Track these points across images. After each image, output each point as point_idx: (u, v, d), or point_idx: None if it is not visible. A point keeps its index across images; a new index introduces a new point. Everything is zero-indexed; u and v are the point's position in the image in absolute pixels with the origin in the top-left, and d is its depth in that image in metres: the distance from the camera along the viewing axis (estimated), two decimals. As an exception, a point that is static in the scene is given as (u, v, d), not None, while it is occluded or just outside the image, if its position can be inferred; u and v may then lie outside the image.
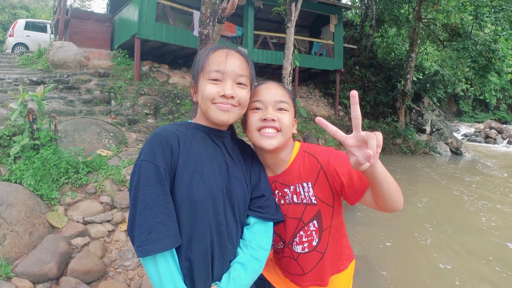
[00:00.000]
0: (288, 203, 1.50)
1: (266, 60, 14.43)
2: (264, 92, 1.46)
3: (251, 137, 1.44)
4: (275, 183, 1.52)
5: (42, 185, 4.31)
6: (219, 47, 1.34)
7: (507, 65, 12.89)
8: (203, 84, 1.29)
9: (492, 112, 33.43)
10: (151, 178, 1.13)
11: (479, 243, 5.46)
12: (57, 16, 13.22)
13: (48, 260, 3.15)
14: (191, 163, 1.22)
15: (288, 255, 1.56)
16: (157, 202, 1.11)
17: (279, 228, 1.54)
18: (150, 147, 1.17)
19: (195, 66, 1.36)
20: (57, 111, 6.87)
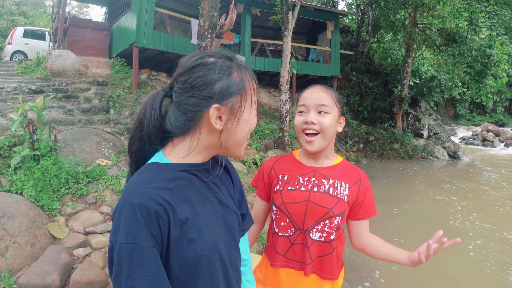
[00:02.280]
0: (321, 192, 1.60)
1: (264, 67, 14.52)
2: (307, 97, 1.61)
3: (299, 137, 1.64)
4: (315, 172, 1.66)
5: (42, 195, 4.36)
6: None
7: (502, 69, 13.01)
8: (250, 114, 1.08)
9: (489, 115, 33.64)
10: (136, 261, 0.88)
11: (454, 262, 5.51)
12: (56, 24, 13.30)
13: (50, 271, 3.19)
14: (185, 224, 0.97)
15: (300, 241, 1.60)
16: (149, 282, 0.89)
17: (295, 213, 1.59)
18: (129, 223, 0.89)
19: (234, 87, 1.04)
20: (56, 120, 6.91)
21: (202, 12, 6.64)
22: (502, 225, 6.33)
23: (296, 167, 1.68)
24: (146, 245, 0.89)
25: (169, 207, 0.94)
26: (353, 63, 18.89)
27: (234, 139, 1.05)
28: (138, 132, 1.04)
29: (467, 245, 5.55)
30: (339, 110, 1.63)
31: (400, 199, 8.34)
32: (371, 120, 17.69)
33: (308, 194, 1.60)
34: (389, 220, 6.67)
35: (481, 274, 4.60)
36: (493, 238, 5.81)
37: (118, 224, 0.90)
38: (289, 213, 1.60)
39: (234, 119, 1.03)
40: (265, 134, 10.54)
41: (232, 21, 6.12)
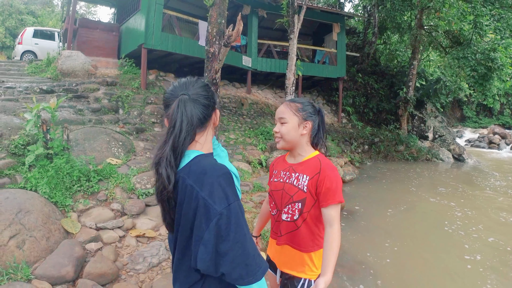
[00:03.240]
0: (289, 183, 2.11)
1: (270, 69, 14.68)
2: (276, 112, 2.15)
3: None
4: (290, 167, 2.15)
5: (56, 192, 4.54)
6: None
7: (506, 73, 13.07)
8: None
9: (496, 117, 33.47)
10: (242, 216, 1.25)
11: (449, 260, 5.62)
12: (66, 25, 13.52)
13: (65, 263, 3.37)
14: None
15: (278, 219, 2.16)
16: (249, 233, 1.25)
17: (277, 198, 2.17)
18: (230, 187, 1.26)
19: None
20: (67, 120, 7.10)
21: (210, 19, 6.81)
22: (499, 235, 6.26)
23: (282, 164, 2.24)
24: (239, 199, 1.28)
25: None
26: (359, 65, 18.99)
27: (213, 134, 1.50)
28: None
29: (462, 253, 5.67)
30: (301, 117, 2.08)
31: (398, 201, 8.37)
32: (376, 122, 17.79)
33: (283, 184, 2.14)
34: (381, 221, 6.77)
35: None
36: (487, 246, 5.86)
37: (223, 193, 1.23)
38: (274, 198, 2.19)
39: (217, 119, 1.51)
40: (270, 135, 10.68)
41: (239, 32, 6.30)
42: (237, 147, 9.00)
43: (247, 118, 12.24)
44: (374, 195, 8.86)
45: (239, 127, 11.16)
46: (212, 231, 1.18)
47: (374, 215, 7.12)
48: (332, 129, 14.97)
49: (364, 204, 7.91)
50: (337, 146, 12.76)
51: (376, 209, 7.63)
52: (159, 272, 3.87)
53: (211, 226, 1.18)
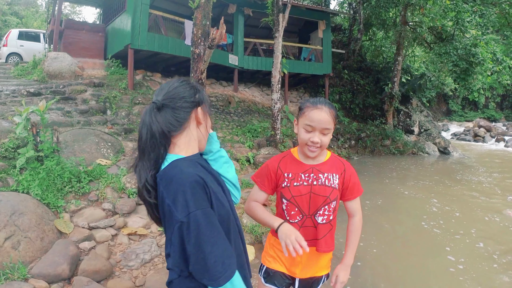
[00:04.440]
0: (320, 184, 2.02)
1: (256, 67, 14.82)
2: (315, 119, 1.93)
3: (301, 147, 2.04)
4: (313, 169, 2.05)
5: (48, 194, 4.63)
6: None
7: (486, 68, 13.38)
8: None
9: (481, 111, 34.07)
10: (206, 222, 1.27)
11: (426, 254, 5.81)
12: (51, 27, 13.49)
13: (60, 262, 3.49)
14: (213, 189, 1.37)
15: (308, 224, 2.05)
16: (218, 239, 1.29)
17: (302, 203, 2.02)
18: (193, 195, 1.27)
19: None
20: (56, 122, 7.16)
21: (195, 21, 6.93)
22: (475, 233, 6.15)
23: (297, 166, 2.05)
24: (207, 207, 1.30)
25: (204, 178, 1.34)
26: (345, 61, 19.19)
27: (204, 133, 1.53)
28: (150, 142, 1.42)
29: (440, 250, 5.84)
30: (335, 124, 2.01)
31: (376, 195, 8.40)
32: (362, 117, 18.02)
33: (310, 187, 2.01)
34: (365, 217, 6.89)
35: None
36: (463, 244, 6.02)
37: (184, 201, 1.26)
38: (297, 204, 2.02)
39: (206, 119, 1.53)
40: (258, 132, 10.82)
41: (222, 35, 6.44)
42: (224, 145, 9.12)
43: (234, 116, 12.37)
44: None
45: (226, 125, 11.28)
46: (176, 235, 1.28)
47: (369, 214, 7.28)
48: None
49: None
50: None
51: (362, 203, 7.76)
52: (152, 268, 3.99)
53: (175, 230, 1.27)
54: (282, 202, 2.07)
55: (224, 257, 1.28)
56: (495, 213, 7.06)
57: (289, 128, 12.51)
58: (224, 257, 1.28)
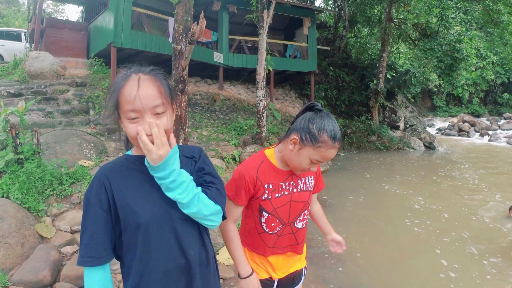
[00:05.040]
0: (299, 191, 1.93)
1: (241, 64, 14.75)
2: (328, 157, 1.74)
3: (292, 166, 1.83)
4: (291, 175, 1.91)
5: (28, 198, 4.52)
6: (129, 79, 1.32)
7: (471, 64, 13.52)
8: (124, 123, 1.33)
9: (465, 106, 34.50)
10: (87, 211, 1.36)
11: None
12: (32, 25, 13.23)
13: (42, 268, 3.39)
14: (124, 195, 1.36)
15: (288, 232, 1.95)
16: (86, 230, 1.34)
17: (283, 213, 1.90)
18: (90, 185, 1.39)
19: (109, 99, 1.36)
20: (37, 123, 7.03)
21: (177, 17, 6.83)
22: (456, 226, 6.23)
23: (277, 175, 1.88)
24: (92, 199, 1.36)
25: (113, 175, 1.39)
26: (330, 58, 19.24)
27: (131, 140, 1.37)
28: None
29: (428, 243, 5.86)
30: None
31: (361, 190, 8.44)
32: (348, 114, 18.11)
33: (290, 196, 1.90)
34: (350, 213, 6.92)
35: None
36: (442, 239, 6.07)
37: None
38: (278, 215, 1.89)
39: (122, 123, 1.35)
40: (243, 130, 10.77)
41: (202, 30, 6.35)
42: (210, 143, 9.05)
43: (219, 114, 12.29)
44: (343, 185, 9.02)
45: (211, 123, 11.20)
46: None
47: (344, 206, 7.29)
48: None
49: (334, 194, 8.05)
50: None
51: (345, 199, 7.76)
52: (136, 271, 3.91)
53: None
54: (261, 215, 1.90)
55: (82, 246, 1.34)
56: (480, 210, 7.09)
57: (274, 125, 12.49)
58: (82, 247, 1.34)
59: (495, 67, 30.46)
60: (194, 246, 1.45)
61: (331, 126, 1.68)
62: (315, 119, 1.70)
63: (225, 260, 4.22)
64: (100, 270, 1.37)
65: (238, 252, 1.87)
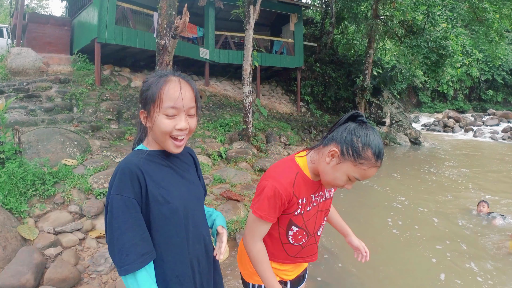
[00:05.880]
0: (324, 200, 1.84)
1: (228, 60, 14.65)
2: (369, 176, 1.59)
3: (325, 182, 1.68)
4: (320, 186, 1.78)
5: (10, 199, 4.40)
6: (170, 79, 1.42)
7: (456, 60, 13.63)
8: (159, 118, 1.38)
9: (450, 102, 34.98)
10: (122, 208, 1.30)
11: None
12: (14, 21, 12.95)
13: (24, 271, 3.29)
14: (158, 185, 1.40)
15: (312, 242, 1.88)
16: (128, 228, 1.29)
17: (310, 225, 1.80)
18: (119, 181, 1.33)
19: (146, 94, 1.43)
20: (18, 122, 6.87)
21: (161, 11, 6.73)
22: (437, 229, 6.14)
23: (309, 187, 1.73)
24: (128, 195, 1.32)
25: (144, 167, 1.39)
26: (317, 54, 19.23)
27: (155, 136, 1.45)
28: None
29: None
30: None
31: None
32: (335, 110, 18.16)
33: (317, 206, 1.81)
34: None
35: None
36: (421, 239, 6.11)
37: (111, 184, 1.35)
38: (306, 228, 1.79)
39: (151, 121, 1.41)
40: (229, 126, 10.70)
41: (185, 23, 6.28)
42: (196, 140, 8.96)
43: (205, 111, 12.19)
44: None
45: (197, 120, 11.09)
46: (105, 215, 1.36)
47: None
48: (291, 118, 15.14)
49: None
50: (297, 134, 12.93)
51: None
52: (122, 272, 3.85)
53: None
54: (289, 229, 1.77)
55: (130, 249, 1.28)
56: (464, 209, 7.12)
57: (261, 121, 12.44)
58: (130, 250, 1.28)
59: (479, 64, 30.83)
60: (207, 230, 1.64)
61: (377, 142, 1.52)
62: (360, 132, 1.53)
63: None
64: (150, 269, 1.35)
65: (269, 275, 1.73)
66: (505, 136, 20.42)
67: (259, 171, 8.29)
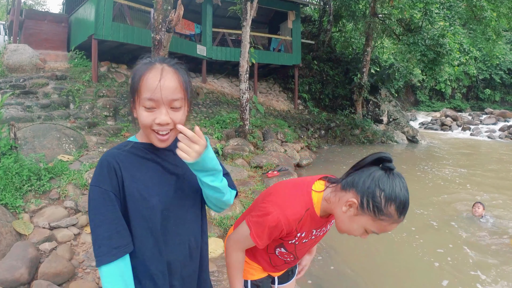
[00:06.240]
0: (323, 232, 1.76)
1: (225, 57, 14.67)
2: (387, 231, 1.42)
3: (340, 228, 1.53)
4: (326, 222, 1.68)
5: (5, 194, 4.40)
6: (153, 67, 1.29)
7: (454, 58, 13.68)
8: (139, 110, 1.30)
9: (448, 101, 35.06)
10: (99, 200, 1.27)
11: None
12: (11, 17, 12.92)
13: (18, 266, 3.30)
14: (136, 180, 1.32)
15: (296, 262, 1.90)
16: (104, 220, 1.25)
17: (300, 251, 1.77)
18: (98, 173, 1.30)
19: (131, 82, 1.34)
20: (15, 118, 6.87)
21: (156, 6, 6.74)
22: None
23: (314, 223, 1.61)
24: (105, 188, 1.28)
25: (123, 161, 1.33)
26: (315, 52, 19.23)
27: (142, 129, 1.35)
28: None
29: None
30: None
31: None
32: (332, 107, 18.18)
33: (315, 238, 1.74)
34: None
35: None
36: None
37: (93, 174, 1.31)
38: (295, 253, 1.77)
39: (136, 112, 1.33)
40: (226, 123, 10.71)
41: (179, 17, 6.29)
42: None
43: (202, 108, 12.20)
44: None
45: (194, 116, 11.12)
46: None
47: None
48: (288, 116, 15.16)
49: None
50: (294, 132, 12.95)
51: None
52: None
53: None
54: (278, 248, 1.74)
55: (103, 242, 1.25)
56: (459, 210, 7.09)
57: (258, 118, 12.44)
58: (103, 242, 1.25)
59: (477, 63, 30.91)
60: (196, 233, 1.48)
61: (403, 197, 1.33)
62: (385, 184, 1.33)
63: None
64: (121, 263, 1.27)
65: (237, 283, 1.75)
66: (502, 135, 20.48)
67: (255, 167, 8.30)
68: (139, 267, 1.34)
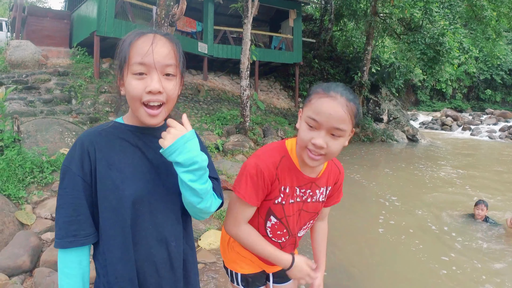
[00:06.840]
0: (314, 201, 1.67)
1: (226, 55, 14.72)
2: (324, 113, 1.33)
3: (301, 153, 1.45)
4: (312, 184, 1.61)
5: (8, 185, 4.47)
6: (144, 33, 1.19)
7: (453, 56, 13.73)
8: (127, 80, 1.17)
9: (448, 101, 35.13)
10: (65, 181, 1.18)
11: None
12: (14, 14, 13.00)
13: (21, 254, 3.38)
14: (110, 166, 1.19)
15: (291, 242, 1.76)
16: (66, 203, 1.17)
17: (292, 223, 1.66)
18: (71, 153, 1.20)
19: (118, 56, 1.20)
20: (18, 112, 6.93)
21: (159, 1, 6.80)
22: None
23: (295, 177, 1.57)
24: (74, 169, 1.18)
25: (100, 142, 1.21)
26: (316, 51, 19.30)
27: (129, 103, 1.22)
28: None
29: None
30: (352, 124, 1.40)
31: (347, 183, 8.26)
32: (332, 106, 18.21)
33: (302, 204, 1.64)
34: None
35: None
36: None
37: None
38: (287, 224, 1.65)
39: (124, 87, 1.20)
40: (227, 120, 10.78)
41: (182, 11, 6.36)
42: (193, 133, 9.04)
43: (203, 105, 12.27)
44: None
45: (195, 113, 11.19)
46: None
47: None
48: (289, 114, 15.23)
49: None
50: (294, 129, 13.00)
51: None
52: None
53: None
54: (268, 219, 1.64)
55: (63, 225, 1.16)
56: (459, 210, 7.08)
57: (258, 115, 12.51)
58: (62, 226, 1.16)
59: (478, 63, 30.91)
60: (177, 236, 1.30)
61: (331, 83, 1.40)
62: (318, 85, 1.43)
63: (206, 246, 4.26)
64: (79, 252, 1.19)
65: (269, 250, 1.61)
66: (502, 135, 20.55)
67: (255, 163, 8.34)
68: (107, 267, 1.21)
